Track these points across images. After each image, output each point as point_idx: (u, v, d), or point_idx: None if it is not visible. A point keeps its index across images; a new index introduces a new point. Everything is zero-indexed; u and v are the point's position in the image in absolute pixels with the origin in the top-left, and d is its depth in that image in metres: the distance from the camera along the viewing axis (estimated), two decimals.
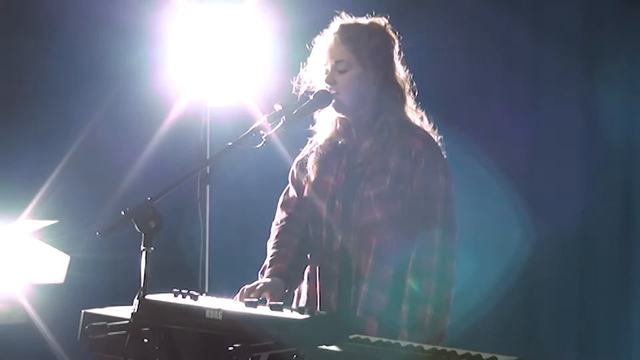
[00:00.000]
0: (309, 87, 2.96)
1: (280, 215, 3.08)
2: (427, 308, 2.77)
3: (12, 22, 4.91)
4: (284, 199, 3.09)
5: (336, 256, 2.90)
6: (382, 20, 2.99)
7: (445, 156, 2.93)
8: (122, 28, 4.78)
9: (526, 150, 4.71)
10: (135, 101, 4.83)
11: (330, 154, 2.98)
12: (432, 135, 2.95)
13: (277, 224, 3.07)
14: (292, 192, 3.07)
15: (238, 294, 2.77)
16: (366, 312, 2.83)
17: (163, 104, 4.81)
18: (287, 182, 3.11)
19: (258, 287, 2.78)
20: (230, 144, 2.66)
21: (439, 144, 2.95)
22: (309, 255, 3.00)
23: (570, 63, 4.60)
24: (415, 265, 2.81)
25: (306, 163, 3.02)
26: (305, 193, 3.01)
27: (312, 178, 2.98)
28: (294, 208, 3.04)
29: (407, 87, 2.98)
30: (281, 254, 2.94)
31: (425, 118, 2.99)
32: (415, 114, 2.98)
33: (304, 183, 3.02)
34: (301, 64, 3.00)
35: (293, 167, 3.08)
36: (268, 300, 2.74)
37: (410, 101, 2.99)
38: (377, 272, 2.85)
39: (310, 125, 3.04)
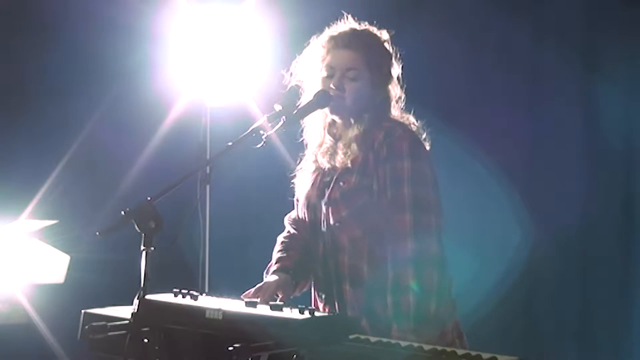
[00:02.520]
0: (299, 82, 2.95)
1: (286, 227, 3.13)
2: (409, 296, 2.68)
3: (12, 22, 4.91)
4: (290, 214, 3.14)
5: (320, 262, 2.93)
6: (385, 33, 2.98)
7: (421, 142, 2.87)
8: (122, 28, 4.78)
9: (526, 150, 4.70)
10: (135, 101, 4.83)
11: (314, 170, 3.00)
12: (406, 123, 2.90)
13: (282, 236, 3.10)
14: (296, 210, 3.11)
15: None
16: (355, 311, 2.83)
17: (163, 104, 4.81)
18: (288, 184, 3.12)
19: (270, 287, 2.80)
20: (230, 144, 2.66)
21: (414, 131, 2.89)
22: None
23: (570, 63, 4.60)
24: (392, 256, 2.74)
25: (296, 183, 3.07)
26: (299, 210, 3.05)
27: (302, 196, 3.01)
28: (298, 222, 3.08)
29: (402, 96, 2.99)
30: (288, 254, 2.98)
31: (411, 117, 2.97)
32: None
33: (298, 201, 3.06)
34: (297, 54, 3.00)
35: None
36: (280, 298, 2.80)
37: (397, 111, 2.98)
38: (353, 270, 2.85)
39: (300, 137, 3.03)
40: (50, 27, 4.89)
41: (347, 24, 2.97)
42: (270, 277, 2.90)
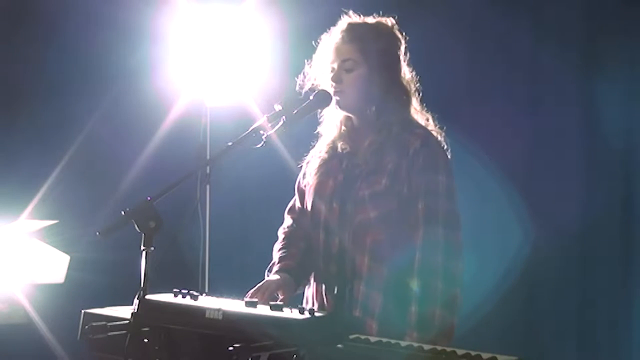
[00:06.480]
0: (313, 84, 2.96)
1: (286, 220, 3.12)
2: (435, 308, 2.74)
3: (12, 22, 4.91)
4: (290, 205, 3.13)
5: (334, 258, 2.90)
6: (389, 21, 2.98)
7: (448, 154, 2.91)
8: (122, 28, 4.78)
9: (526, 150, 4.70)
10: (135, 101, 4.83)
11: (330, 158, 2.98)
12: (434, 134, 2.92)
13: (283, 229, 3.10)
14: (297, 200, 3.10)
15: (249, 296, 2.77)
16: (365, 312, 2.82)
17: (163, 104, 4.81)
18: (288, 184, 3.13)
19: (270, 287, 2.81)
20: (230, 144, 2.66)
21: (442, 142, 2.92)
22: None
23: (570, 63, 4.60)
24: (420, 265, 2.78)
25: (308, 170, 3.04)
26: (306, 198, 3.02)
27: (313, 183, 2.98)
28: (298, 213, 3.08)
29: (413, 88, 2.98)
30: (290, 252, 2.98)
31: (431, 119, 2.98)
32: (420, 116, 2.97)
33: (305, 189, 3.03)
34: (306, 60, 3.01)
35: (299, 175, 3.10)
36: (281, 298, 2.80)
37: (415, 103, 2.98)
38: (373, 272, 2.84)
39: (317, 127, 3.04)
40: (50, 27, 4.90)
41: (346, 19, 2.96)
42: (272, 277, 2.90)
